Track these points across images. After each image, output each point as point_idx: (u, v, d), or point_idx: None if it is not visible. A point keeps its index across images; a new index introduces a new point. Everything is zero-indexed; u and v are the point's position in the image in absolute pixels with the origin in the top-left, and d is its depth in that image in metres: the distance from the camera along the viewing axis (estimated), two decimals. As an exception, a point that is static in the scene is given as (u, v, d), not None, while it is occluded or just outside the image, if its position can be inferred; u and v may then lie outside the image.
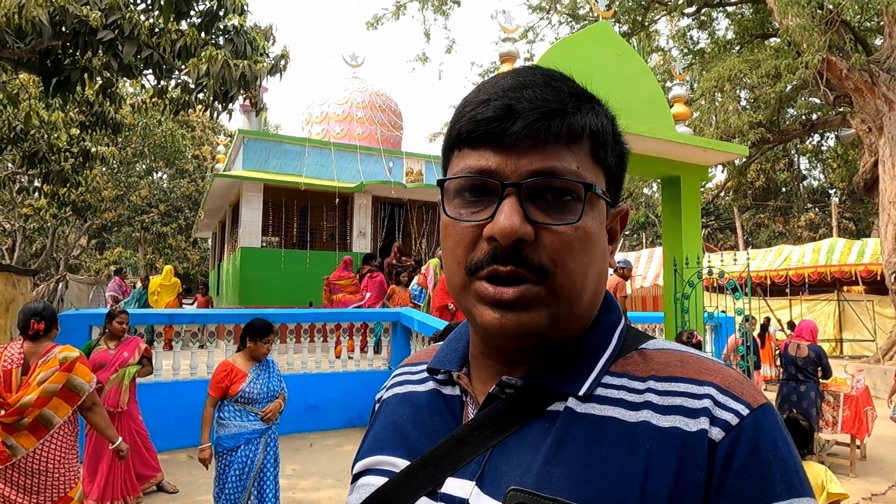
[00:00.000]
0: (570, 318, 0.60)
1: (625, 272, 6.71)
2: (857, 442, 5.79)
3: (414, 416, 0.68)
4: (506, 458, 0.57)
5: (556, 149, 0.57)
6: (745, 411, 0.53)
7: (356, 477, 0.68)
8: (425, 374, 0.72)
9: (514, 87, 0.58)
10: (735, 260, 10.93)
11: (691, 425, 0.52)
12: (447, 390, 0.68)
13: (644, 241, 27.54)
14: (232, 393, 3.51)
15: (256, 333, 3.63)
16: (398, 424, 0.68)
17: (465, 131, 0.59)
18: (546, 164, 0.57)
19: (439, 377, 0.70)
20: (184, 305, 12.60)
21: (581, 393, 0.58)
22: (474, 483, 0.57)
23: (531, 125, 0.56)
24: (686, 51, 14.69)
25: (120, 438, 3.26)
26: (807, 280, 14.76)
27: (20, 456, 2.85)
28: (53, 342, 3.12)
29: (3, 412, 2.84)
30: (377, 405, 0.77)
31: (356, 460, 0.70)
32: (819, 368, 5.77)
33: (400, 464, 0.63)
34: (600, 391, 0.58)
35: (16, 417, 2.85)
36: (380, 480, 0.63)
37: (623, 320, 0.66)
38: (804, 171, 29.27)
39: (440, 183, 0.62)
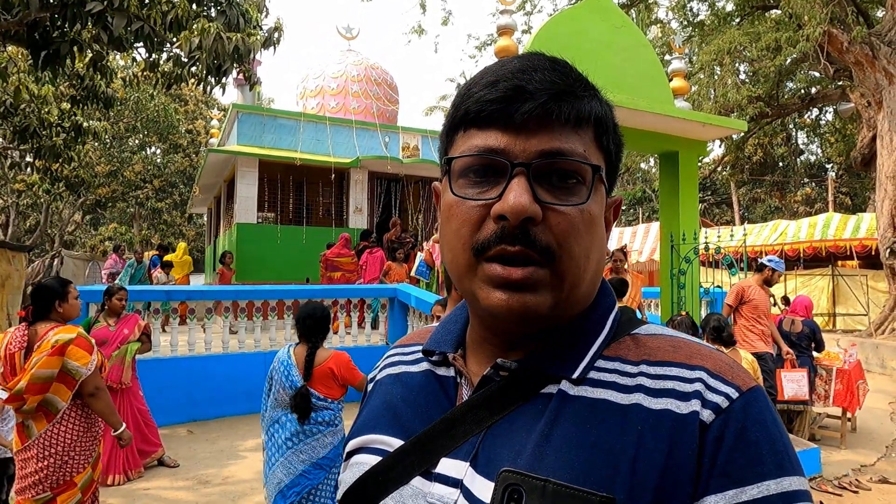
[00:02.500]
0: (571, 302, 0.60)
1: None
2: (848, 415, 5.88)
3: (407, 396, 0.68)
4: (500, 440, 0.58)
5: (564, 131, 0.58)
6: (734, 394, 0.54)
7: (349, 455, 0.69)
8: (419, 356, 0.72)
9: (523, 70, 0.58)
10: (732, 235, 10.96)
11: (682, 408, 0.53)
12: (441, 371, 0.68)
13: (640, 216, 27.54)
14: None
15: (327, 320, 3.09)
16: (391, 404, 0.69)
17: (472, 111, 0.59)
18: (554, 145, 0.57)
19: (434, 358, 0.70)
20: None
21: (574, 376, 0.58)
22: (468, 464, 0.58)
23: (542, 105, 0.57)
24: (686, 23, 14.48)
25: (123, 425, 3.11)
26: (802, 255, 14.82)
27: (34, 438, 2.81)
28: (57, 323, 2.98)
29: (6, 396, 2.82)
30: (370, 385, 0.78)
31: (349, 438, 0.71)
32: (812, 343, 5.84)
33: (394, 443, 0.64)
34: (593, 374, 0.59)
35: (18, 403, 2.78)
36: (373, 459, 0.64)
37: (616, 305, 0.67)
38: (801, 146, 29.17)
39: (447, 162, 0.62)
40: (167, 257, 11.67)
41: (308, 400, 2.79)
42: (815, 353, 5.95)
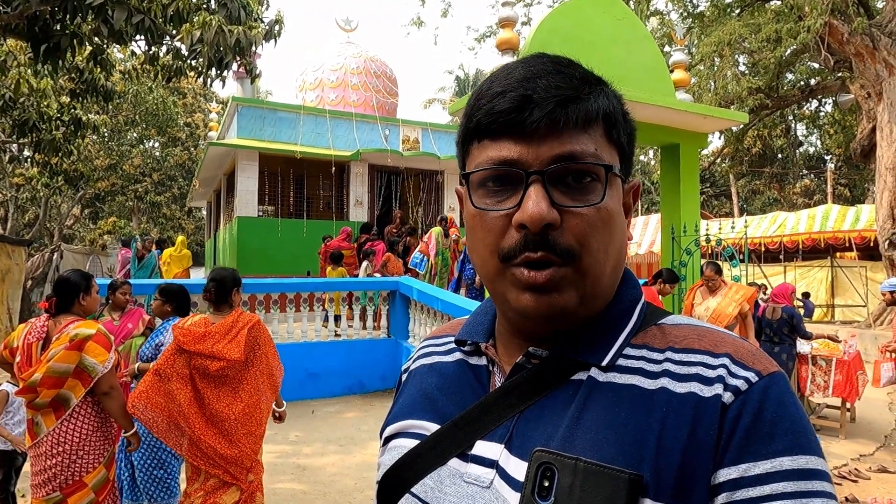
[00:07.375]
0: (595, 295, 0.63)
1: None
2: (848, 405, 5.92)
3: (442, 384, 0.71)
4: (532, 423, 0.60)
5: (574, 133, 0.59)
6: (754, 378, 0.56)
7: (387, 440, 0.72)
8: (452, 346, 0.75)
9: (528, 78, 0.60)
10: (733, 227, 10.98)
11: (706, 391, 0.56)
12: (474, 360, 0.71)
13: (640, 208, 27.55)
14: None
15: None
16: (427, 392, 0.71)
17: (484, 123, 0.61)
18: (566, 149, 0.59)
19: (466, 348, 0.73)
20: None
21: (603, 363, 0.61)
22: (503, 446, 0.60)
23: (549, 113, 0.58)
24: (685, 14, 14.43)
25: (136, 427, 3.02)
26: (801, 246, 14.85)
27: (43, 434, 2.73)
28: (78, 316, 2.91)
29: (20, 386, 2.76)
30: (404, 375, 0.80)
31: (385, 425, 0.74)
32: (792, 330, 5.81)
33: (430, 427, 0.67)
34: (621, 361, 0.61)
35: (31, 395, 2.70)
36: (411, 442, 0.67)
37: (643, 296, 0.69)
38: (801, 138, 29.14)
39: (464, 176, 0.64)
40: (166, 251, 11.65)
41: None
42: (807, 343, 5.95)
